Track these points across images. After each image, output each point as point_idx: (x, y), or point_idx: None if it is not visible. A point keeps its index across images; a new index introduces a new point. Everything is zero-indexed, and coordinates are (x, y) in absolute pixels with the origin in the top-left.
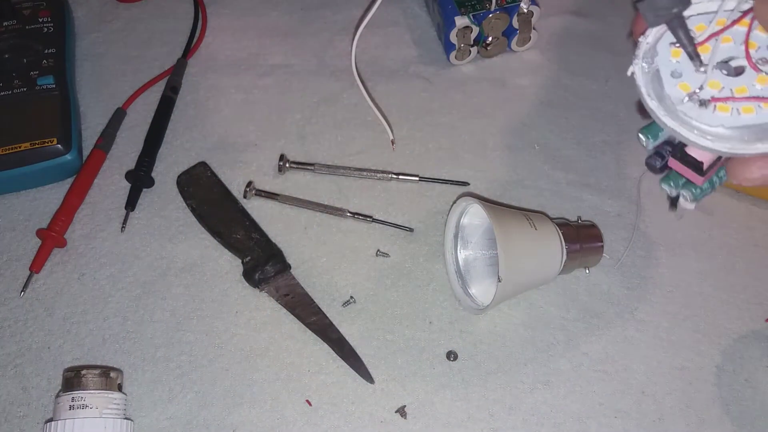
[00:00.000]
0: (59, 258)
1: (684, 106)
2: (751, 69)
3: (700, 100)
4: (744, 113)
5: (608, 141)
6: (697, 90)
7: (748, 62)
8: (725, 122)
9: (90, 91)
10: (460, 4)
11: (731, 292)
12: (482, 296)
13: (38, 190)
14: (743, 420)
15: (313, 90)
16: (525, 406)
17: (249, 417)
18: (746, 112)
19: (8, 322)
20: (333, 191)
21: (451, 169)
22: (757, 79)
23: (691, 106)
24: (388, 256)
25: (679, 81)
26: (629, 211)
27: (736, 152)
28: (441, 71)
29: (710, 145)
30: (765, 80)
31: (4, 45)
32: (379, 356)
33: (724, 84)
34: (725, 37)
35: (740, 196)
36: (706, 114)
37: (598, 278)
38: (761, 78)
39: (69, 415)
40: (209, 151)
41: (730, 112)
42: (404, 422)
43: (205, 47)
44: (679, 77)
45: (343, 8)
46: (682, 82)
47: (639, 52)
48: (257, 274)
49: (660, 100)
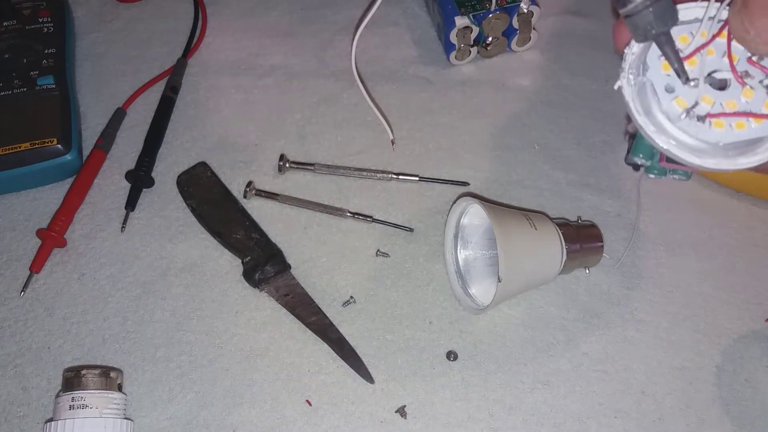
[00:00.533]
0: (59, 258)
1: (682, 123)
2: (736, 82)
3: (698, 116)
4: (736, 128)
5: (608, 141)
6: (693, 106)
7: (734, 76)
8: (721, 138)
9: (90, 91)
10: (460, 4)
11: (731, 292)
12: (482, 296)
13: (38, 190)
14: (743, 420)
15: (313, 90)
16: (525, 406)
17: (249, 417)
18: (738, 127)
19: (8, 322)
20: (333, 191)
21: (451, 169)
22: (743, 92)
23: (689, 123)
24: (388, 256)
25: (674, 96)
26: (629, 211)
27: (720, 168)
28: (441, 71)
29: (698, 162)
30: (750, 94)
31: (4, 45)
32: (379, 356)
33: (715, 98)
34: (709, 50)
35: (740, 196)
36: (704, 130)
37: (598, 278)
38: (747, 91)
39: (69, 415)
40: (209, 151)
41: (724, 127)
42: (404, 422)
43: (205, 47)
44: (673, 92)
45: (343, 8)
46: (677, 97)
47: (625, 64)
48: (257, 274)
49: (647, 114)
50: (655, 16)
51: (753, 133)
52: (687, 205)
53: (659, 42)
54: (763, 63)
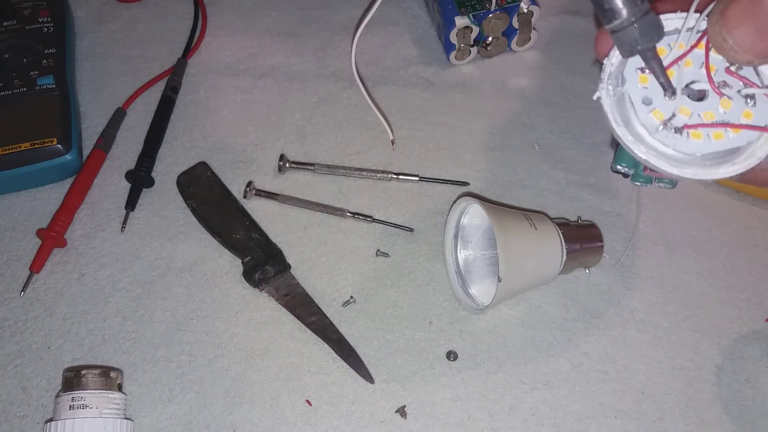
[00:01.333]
0: (59, 258)
1: (660, 135)
2: (713, 93)
3: (675, 128)
4: (714, 139)
5: (608, 141)
6: (670, 118)
7: (711, 87)
8: (699, 149)
9: (90, 91)
10: (460, 4)
11: (731, 292)
12: (482, 296)
13: (38, 190)
14: (743, 420)
15: (313, 90)
16: (525, 406)
17: (249, 417)
18: (717, 138)
19: (8, 322)
20: (333, 191)
21: (451, 169)
22: (720, 102)
23: (666, 135)
24: (388, 256)
25: (651, 108)
26: (629, 211)
27: (698, 178)
28: (441, 71)
29: (676, 173)
30: (728, 104)
31: (4, 45)
32: (379, 356)
33: (693, 109)
34: (686, 61)
35: (740, 196)
36: (681, 141)
37: (598, 278)
38: (724, 101)
39: (69, 415)
40: (209, 151)
41: (702, 138)
42: (404, 422)
43: (205, 47)
44: (650, 104)
45: (343, 8)
46: (654, 109)
47: (604, 75)
48: (257, 274)
49: (626, 125)
50: (641, 32)
51: (731, 143)
52: (687, 205)
53: (645, 57)
54: (741, 73)
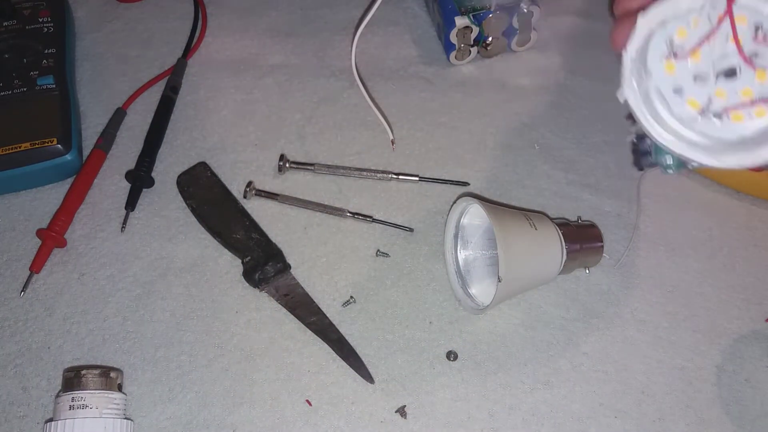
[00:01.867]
0: (59, 258)
1: (700, 125)
2: (746, 66)
3: (714, 114)
4: (758, 117)
5: (608, 141)
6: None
7: (744, 59)
8: (744, 131)
9: (90, 91)
10: (460, 4)
11: (731, 292)
12: (482, 296)
13: (38, 190)
14: (743, 420)
15: (313, 90)
16: (525, 406)
17: (249, 417)
18: (759, 115)
19: (8, 322)
20: (333, 191)
21: (451, 169)
22: (756, 75)
23: (706, 124)
24: (388, 256)
25: (684, 98)
26: (629, 211)
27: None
28: (441, 71)
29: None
30: (764, 75)
31: (4, 45)
32: (379, 356)
33: (728, 89)
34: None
35: (740, 196)
36: (724, 127)
37: (598, 278)
38: (760, 73)
39: (69, 415)
40: (209, 151)
41: (743, 119)
42: (404, 422)
43: (205, 47)
44: (681, 92)
45: (343, 8)
46: (688, 97)
47: (626, 70)
48: (257, 274)
49: (658, 120)
50: None
51: None
52: (687, 205)
53: None
54: None
